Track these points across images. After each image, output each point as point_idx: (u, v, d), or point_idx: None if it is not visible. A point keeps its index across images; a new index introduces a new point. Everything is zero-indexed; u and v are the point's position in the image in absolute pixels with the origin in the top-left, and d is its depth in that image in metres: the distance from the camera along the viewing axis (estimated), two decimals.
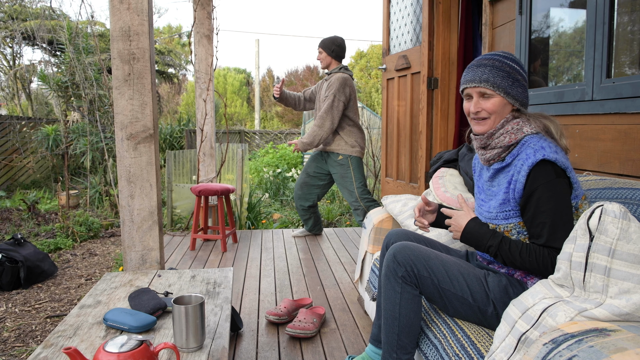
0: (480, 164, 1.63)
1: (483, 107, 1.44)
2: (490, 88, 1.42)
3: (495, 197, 1.48)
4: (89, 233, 4.52)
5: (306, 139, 3.69)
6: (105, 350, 0.98)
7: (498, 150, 1.45)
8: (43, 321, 2.65)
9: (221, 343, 1.30)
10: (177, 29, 20.96)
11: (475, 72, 1.45)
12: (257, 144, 11.43)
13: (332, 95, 3.63)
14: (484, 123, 1.46)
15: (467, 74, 1.48)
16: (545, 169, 1.32)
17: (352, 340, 2.20)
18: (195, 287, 1.73)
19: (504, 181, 1.44)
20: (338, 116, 3.64)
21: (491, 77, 1.42)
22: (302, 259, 3.54)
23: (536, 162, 1.33)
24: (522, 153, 1.39)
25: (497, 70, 1.42)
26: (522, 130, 1.42)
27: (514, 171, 1.40)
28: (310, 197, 4.00)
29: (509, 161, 1.43)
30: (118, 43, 1.93)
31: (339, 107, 3.63)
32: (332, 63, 3.80)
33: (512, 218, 1.41)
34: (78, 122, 6.29)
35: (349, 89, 3.69)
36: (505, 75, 1.42)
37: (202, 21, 4.38)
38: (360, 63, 20.05)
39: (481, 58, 1.48)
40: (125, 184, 1.98)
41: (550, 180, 1.32)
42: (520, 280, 1.43)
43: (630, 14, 1.93)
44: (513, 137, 1.42)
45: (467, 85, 1.47)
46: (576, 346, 0.92)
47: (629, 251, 1.05)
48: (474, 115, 1.47)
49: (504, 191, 1.42)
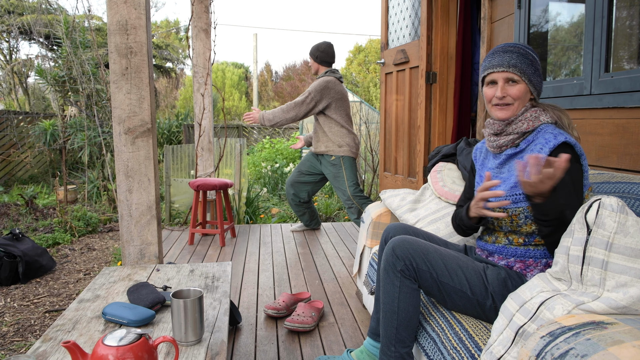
0: (484, 153, 1.63)
1: (509, 93, 1.45)
2: (518, 74, 1.43)
3: (505, 182, 1.48)
4: (87, 228, 4.51)
5: (269, 114, 3.79)
6: (104, 343, 0.98)
7: (513, 136, 1.46)
8: (42, 316, 2.65)
9: (220, 337, 1.30)
10: (174, 23, 20.87)
11: (502, 57, 1.45)
12: (255, 138, 11.42)
13: (307, 92, 3.75)
14: (507, 109, 1.46)
15: (492, 58, 1.47)
16: (566, 151, 1.33)
17: (350, 334, 2.21)
18: (193, 281, 1.73)
19: None
20: (305, 112, 3.73)
21: (519, 62, 1.43)
22: (300, 253, 3.55)
23: (558, 144, 1.35)
24: (539, 138, 1.41)
25: (524, 58, 1.44)
26: (539, 119, 1.44)
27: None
28: (301, 195, 4.04)
29: (523, 147, 1.45)
30: (115, 37, 1.92)
31: (309, 105, 3.71)
32: (319, 69, 3.90)
33: (522, 202, 1.41)
34: (75, 116, 6.27)
35: (332, 91, 3.73)
36: (529, 63, 1.44)
37: (199, 15, 4.36)
38: (359, 57, 20.00)
39: (505, 45, 1.48)
40: (124, 178, 1.97)
41: (570, 163, 1.31)
42: (519, 272, 1.43)
43: (628, 8, 1.92)
44: (531, 124, 1.44)
45: (493, 70, 1.46)
46: (573, 339, 0.93)
47: (626, 245, 1.06)
48: (498, 100, 1.46)
49: (518, 175, 1.42)
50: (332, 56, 3.89)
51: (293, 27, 56.63)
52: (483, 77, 1.51)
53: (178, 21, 21.19)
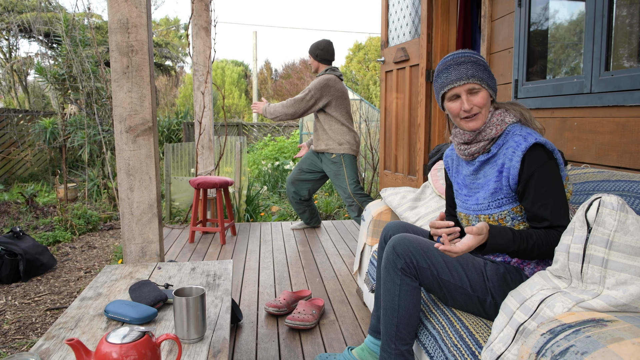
0: (456, 161, 1.64)
1: (474, 103, 1.44)
2: (478, 82, 1.43)
3: (483, 188, 1.48)
4: (88, 226, 4.52)
5: (271, 108, 3.80)
6: (107, 341, 0.99)
7: (484, 142, 1.47)
8: (43, 314, 2.66)
9: (222, 334, 1.31)
10: (174, 21, 20.83)
11: (459, 70, 1.44)
12: (255, 136, 11.42)
13: (307, 89, 3.74)
14: (476, 119, 1.46)
15: (449, 73, 1.45)
16: (538, 152, 1.36)
17: (351, 331, 2.22)
18: (195, 279, 1.74)
19: (492, 171, 1.46)
20: (304, 110, 3.73)
21: (476, 71, 1.44)
22: (300, 251, 3.56)
23: (529, 147, 1.36)
24: (508, 141, 1.42)
25: (476, 65, 1.45)
26: (504, 121, 1.46)
27: (504, 159, 1.42)
28: (302, 193, 4.05)
29: (495, 151, 1.46)
30: (116, 35, 1.92)
31: (309, 103, 3.71)
32: (319, 67, 3.90)
33: (505, 205, 1.43)
34: (75, 115, 6.27)
35: (332, 89, 3.73)
36: (483, 68, 1.46)
37: (199, 13, 4.36)
38: (359, 55, 19.98)
39: (455, 57, 1.47)
40: (125, 176, 1.98)
41: (545, 163, 1.36)
42: (517, 267, 1.45)
43: (629, 6, 1.93)
44: (499, 128, 1.45)
45: (453, 85, 1.45)
46: (573, 336, 0.93)
47: (626, 243, 1.06)
48: (466, 113, 1.45)
49: (495, 180, 1.44)
50: (331, 54, 3.88)
51: (293, 25, 56.54)
52: (443, 94, 1.49)
53: (178, 19, 21.14)
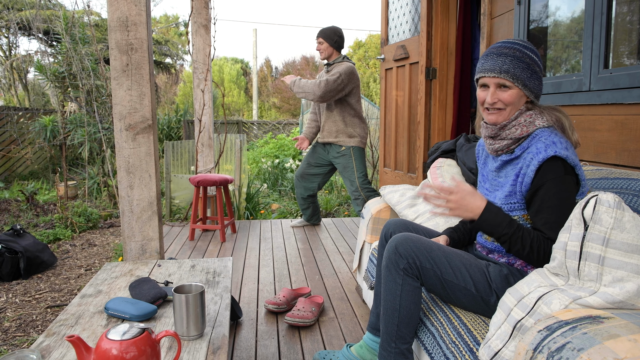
0: (486, 152, 1.61)
1: (500, 98, 1.40)
2: (510, 80, 1.38)
3: (501, 189, 1.47)
4: (88, 224, 4.53)
5: (301, 83, 3.64)
6: (107, 337, 1.00)
7: (508, 142, 1.43)
8: (43, 311, 2.67)
9: (221, 331, 1.32)
10: (174, 18, 20.80)
11: (495, 62, 1.39)
12: (255, 134, 11.42)
13: (337, 73, 3.57)
14: (499, 114, 1.42)
15: (485, 61, 1.42)
16: (556, 164, 1.31)
17: (350, 328, 2.23)
18: (195, 276, 1.75)
19: (511, 173, 1.43)
20: (333, 93, 3.57)
21: (512, 68, 1.37)
22: (300, 248, 3.56)
23: (547, 158, 1.31)
24: (532, 146, 1.37)
25: (518, 61, 1.38)
26: (534, 124, 1.40)
27: (522, 164, 1.38)
28: (311, 187, 4.00)
29: (518, 154, 1.42)
30: (116, 33, 1.92)
31: (339, 87, 3.56)
32: (333, 54, 3.74)
33: (517, 210, 1.40)
34: (75, 112, 6.27)
35: (355, 77, 3.66)
36: (525, 67, 1.38)
37: (199, 11, 4.36)
38: (359, 53, 19.96)
39: (501, 46, 1.42)
40: (125, 174, 1.98)
41: (559, 177, 1.30)
42: (520, 269, 1.44)
43: (629, 4, 1.93)
44: (525, 129, 1.40)
45: (485, 75, 1.41)
46: (570, 333, 0.94)
47: (622, 240, 1.07)
48: (489, 105, 1.42)
49: (511, 183, 1.41)
50: (344, 42, 3.82)
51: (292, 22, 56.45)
52: (477, 79, 1.47)
53: (177, 16, 21.12)
